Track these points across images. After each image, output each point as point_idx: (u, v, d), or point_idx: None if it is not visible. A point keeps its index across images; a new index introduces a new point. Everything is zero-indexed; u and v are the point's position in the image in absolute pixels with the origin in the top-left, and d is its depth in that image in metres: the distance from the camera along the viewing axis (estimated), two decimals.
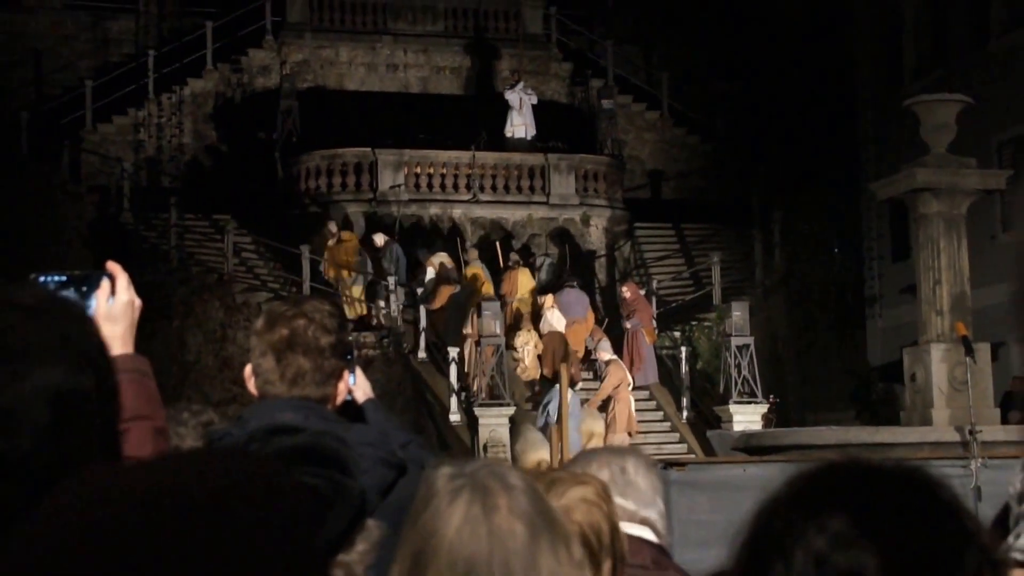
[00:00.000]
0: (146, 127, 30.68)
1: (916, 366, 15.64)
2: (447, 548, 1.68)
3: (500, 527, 1.69)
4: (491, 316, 22.04)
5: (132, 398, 2.19)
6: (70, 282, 2.37)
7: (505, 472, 1.77)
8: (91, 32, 32.29)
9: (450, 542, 1.68)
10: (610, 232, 29.13)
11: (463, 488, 1.72)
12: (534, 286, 25.27)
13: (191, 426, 4.29)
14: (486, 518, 1.70)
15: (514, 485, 1.74)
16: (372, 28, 32.61)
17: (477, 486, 1.72)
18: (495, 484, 1.73)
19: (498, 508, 1.70)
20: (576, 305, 24.01)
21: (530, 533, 1.70)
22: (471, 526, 1.69)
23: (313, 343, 3.15)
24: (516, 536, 1.69)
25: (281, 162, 28.95)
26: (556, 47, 33.53)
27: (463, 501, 1.71)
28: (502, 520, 1.70)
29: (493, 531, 1.69)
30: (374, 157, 28.04)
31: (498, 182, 28.54)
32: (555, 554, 1.71)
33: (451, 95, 32.50)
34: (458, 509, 1.70)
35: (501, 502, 1.71)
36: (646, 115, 33.23)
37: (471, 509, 1.70)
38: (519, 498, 1.72)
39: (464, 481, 1.73)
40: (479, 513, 1.70)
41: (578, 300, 24.22)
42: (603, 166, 29.56)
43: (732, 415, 22.01)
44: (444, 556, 1.68)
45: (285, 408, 3.10)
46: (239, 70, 31.71)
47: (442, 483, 1.74)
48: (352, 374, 3.42)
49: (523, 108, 29.67)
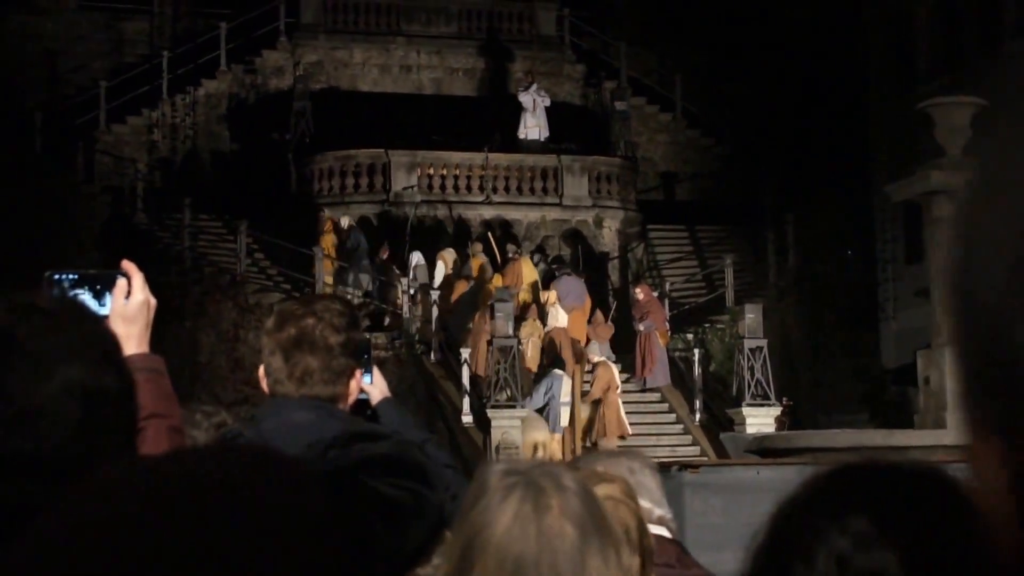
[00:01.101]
0: (160, 128, 30.74)
1: (930, 369, 15.59)
2: (496, 545, 1.68)
3: (550, 527, 1.69)
4: (503, 317, 22.04)
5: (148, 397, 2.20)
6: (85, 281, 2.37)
7: (559, 473, 1.77)
8: (105, 33, 32.35)
9: (499, 539, 1.69)
10: (623, 234, 29.10)
11: (516, 486, 1.72)
12: (536, 275, 25.40)
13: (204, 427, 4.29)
14: (537, 517, 1.70)
15: (567, 487, 1.74)
16: (386, 29, 32.63)
17: (530, 485, 1.72)
18: (548, 484, 1.73)
19: (550, 508, 1.71)
20: (573, 292, 24.15)
21: (580, 535, 1.70)
22: (521, 525, 1.69)
23: (322, 342, 3.14)
24: (566, 537, 1.69)
25: (294, 163, 28.98)
26: (569, 49, 33.51)
27: (515, 499, 1.71)
28: (553, 520, 1.70)
29: (543, 531, 1.69)
30: (387, 158, 28.06)
31: (511, 183, 28.54)
32: (604, 558, 1.70)
33: (464, 96, 32.50)
34: (509, 507, 1.70)
35: (553, 502, 1.71)
36: (659, 117, 33.20)
37: (522, 508, 1.70)
38: (571, 500, 1.72)
39: (517, 479, 1.73)
40: (530, 512, 1.70)
41: (575, 287, 24.38)
42: (616, 168, 29.54)
43: (745, 417, 21.97)
44: (493, 552, 1.68)
45: (297, 408, 3.10)
46: (253, 71, 31.75)
47: (495, 480, 1.74)
48: (368, 373, 3.41)
49: (536, 110, 29.67)
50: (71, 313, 1.63)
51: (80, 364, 1.56)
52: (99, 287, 2.36)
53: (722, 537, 9.13)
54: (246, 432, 3.17)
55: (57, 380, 1.53)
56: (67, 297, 1.78)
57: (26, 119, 28.36)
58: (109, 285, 2.36)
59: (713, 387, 23.96)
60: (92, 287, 2.36)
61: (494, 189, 28.26)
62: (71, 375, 1.54)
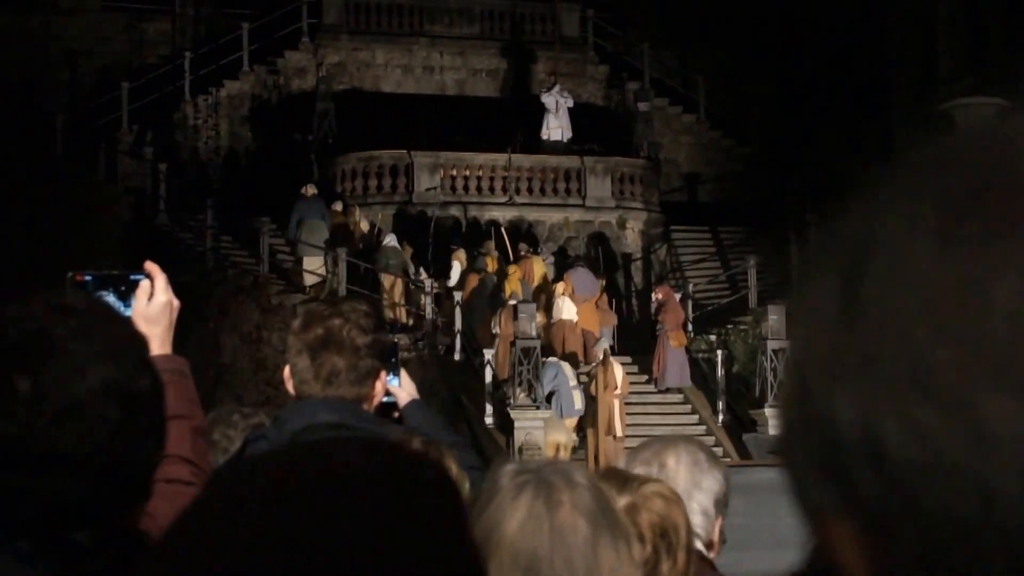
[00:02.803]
0: (182, 129, 30.78)
1: None
2: (510, 542, 1.71)
3: (563, 523, 1.71)
4: (527, 318, 22.03)
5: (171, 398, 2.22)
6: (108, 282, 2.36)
7: (570, 470, 1.79)
8: (127, 34, 32.43)
9: (513, 536, 1.71)
10: (646, 235, 29.05)
11: (527, 484, 1.74)
12: (547, 273, 25.53)
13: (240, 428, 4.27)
14: (549, 514, 1.72)
15: (578, 483, 1.76)
16: (408, 30, 32.63)
17: (541, 482, 1.74)
18: (559, 481, 1.75)
19: (561, 504, 1.73)
20: (585, 284, 24.36)
21: (592, 530, 1.72)
22: (534, 521, 1.71)
23: (348, 342, 3.14)
24: (578, 532, 1.71)
25: (317, 164, 29.00)
26: (592, 50, 33.46)
27: (527, 496, 1.73)
28: (565, 516, 1.72)
29: (555, 527, 1.71)
30: (410, 159, 28.06)
31: (534, 185, 28.53)
32: (616, 552, 1.72)
33: (487, 97, 32.48)
34: (522, 504, 1.73)
35: (564, 498, 1.73)
36: (682, 118, 33.13)
37: (535, 504, 1.72)
38: (583, 495, 1.74)
39: (529, 477, 1.75)
40: (542, 509, 1.72)
41: (587, 279, 24.59)
42: (639, 169, 29.48)
43: (768, 419, 21.90)
44: (507, 549, 1.70)
45: (322, 409, 3.09)
46: (275, 72, 31.78)
47: (507, 479, 1.76)
48: (396, 376, 3.38)
49: (559, 111, 29.63)
50: (104, 314, 1.67)
51: (117, 365, 1.60)
52: (122, 288, 2.34)
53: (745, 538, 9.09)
54: (269, 434, 3.15)
55: (96, 380, 1.57)
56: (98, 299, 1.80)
57: (48, 120, 28.45)
58: (132, 286, 2.35)
59: (736, 388, 23.91)
60: (115, 288, 2.34)
61: (517, 190, 28.24)
62: (110, 375, 1.58)
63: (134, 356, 1.63)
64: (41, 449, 1.54)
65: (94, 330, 1.61)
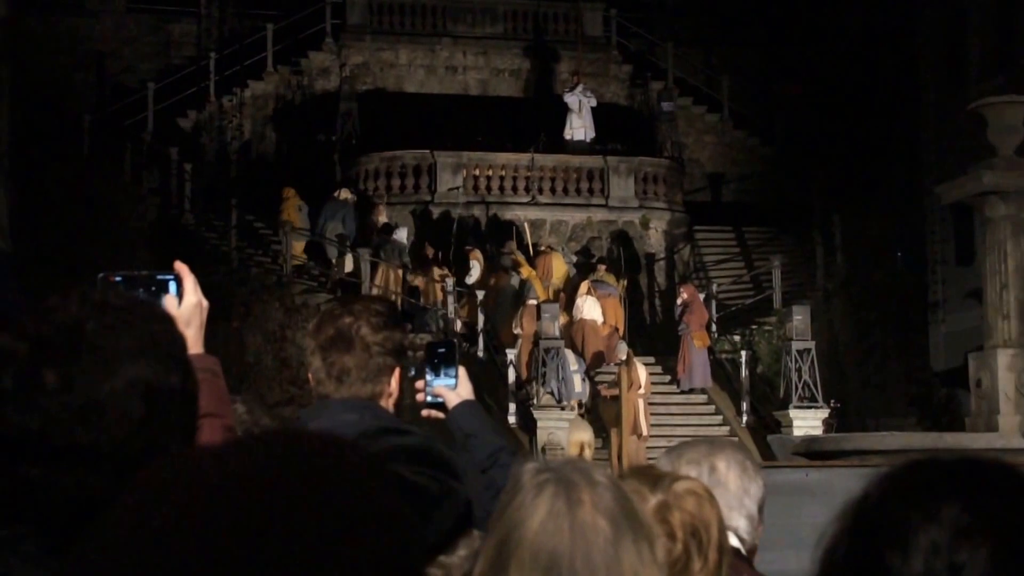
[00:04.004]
0: (207, 129, 30.89)
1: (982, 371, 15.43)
2: (530, 540, 1.71)
3: (584, 522, 1.71)
4: (550, 318, 22.02)
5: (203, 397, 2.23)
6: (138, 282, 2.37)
7: (591, 469, 1.79)
8: (153, 35, 32.56)
9: (534, 534, 1.71)
10: (670, 235, 28.99)
11: (548, 482, 1.75)
12: (567, 270, 25.57)
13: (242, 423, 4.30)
14: (570, 512, 1.72)
15: (599, 482, 1.76)
16: (431, 31, 32.65)
17: (562, 481, 1.75)
18: (580, 480, 1.75)
19: (582, 503, 1.73)
20: (603, 286, 24.65)
21: (613, 529, 1.71)
22: (555, 520, 1.71)
23: (358, 341, 3.16)
24: (599, 531, 1.71)
25: (340, 164, 29.04)
26: (616, 49, 33.41)
27: (548, 495, 1.73)
28: (586, 515, 1.72)
29: (576, 525, 1.71)
30: (433, 159, 28.07)
31: (557, 184, 28.50)
32: (638, 551, 1.72)
33: (510, 97, 32.47)
34: (543, 503, 1.73)
35: (585, 497, 1.73)
36: (706, 117, 33.04)
37: (555, 503, 1.72)
38: (603, 494, 1.74)
39: (549, 476, 1.76)
40: (563, 507, 1.72)
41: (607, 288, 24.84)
42: (663, 169, 29.43)
43: (792, 420, 21.84)
44: (527, 548, 1.70)
45: (342, 409, 3.12)
46: (299, 72, 31.85)
47: (528, 477, 1.77)
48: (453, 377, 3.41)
49: (582, 110, 29.60)
50: (142, 311, 1.67)
51: (146, 362, 1.60)
52: (152, 288, 2.35)
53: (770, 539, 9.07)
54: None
55: (122, 376, 1.58)
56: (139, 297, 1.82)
57: (75, 121, 28.59)
58: (161, 286, 2.36)
59: (760, 389, 23.84)
60: (147, 289, 2.35)
61: (540, 190, 28.23)
62: (137, 372, 1.58)
63: (166, 354, 1.63)
64: (62, 443, 1.55)
65: (128, 326, 1.61)
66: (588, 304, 23.52)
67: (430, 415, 3.52)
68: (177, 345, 1.68)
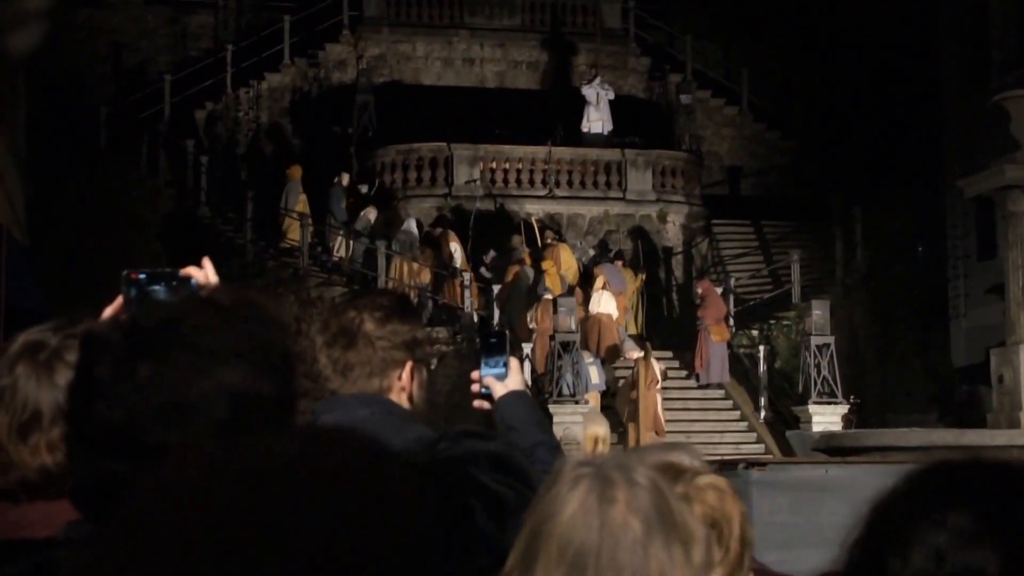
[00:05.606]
0: (224, 121, 30.86)
1: (1004, 367, 15.28)
2: (559, 532, 1.72)
3: (614, 519, 1.72)
4: (566, 312, 21.91)
5: None
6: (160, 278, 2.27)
7: (633, 467, 1.77)
8: (170, 27, 32.55)
9: (563, 527, 1.72)
10: (688, 229, 28.86)
11: (584, 477, 1.75)
12: (575, 262, 25.58)
13: None
14: (600, 509, 1.72)
15: (638, 482, 1.75)
16: (449, 23, 32.56)
17: (599, 477, 1.75)
18: (619, 477, 1.75)
19: (615, 501, 1.73)
20: (615, 278, 24.54)
21: (645, 529, 1.71)
22: (584, 515, 1.72)
23: (360, 335, 3.14)
24: (629, 530, 1.71)
25: (357, 157, 28.99)
26: (634, 42, 33.27)
27: (582, 490, 1.74)
28: (617, 513, 1.72)
29: (606, 522, 1.72)
30: (450, 152, 28.00)
31: (574, 178, 28.40)
32: (669, 553, 1.71)
33: (528, 90, 32.36)
34: (575, 497, 1.74)
35: (620, 495, 1.73)
36: (725, 110, 32.89)
37: (588, 498, 1.73)
38: (640, 495, 1.73)
39: (588, 471, 1.76)
40: (594, 503, 1.73)
41: (616, 274, 24.80)
42: (681, 162, 29.29)
43: (811, 415, 21.72)
44: (556, 540, 1.72)
45: (353, 405, 3.08)
46: (316, 65, 31.81)
47: (567, 470, 1.77)
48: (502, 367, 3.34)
49: (600, 103, 29.47)
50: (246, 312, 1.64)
51: (239, 366, 1.57)
52: (173, 284, 2.26)
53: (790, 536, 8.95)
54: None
55: (212, 379, 1.56)
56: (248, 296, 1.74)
57: (91, 113, 28.58)
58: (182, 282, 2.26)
59: (778, 384, 23.71)
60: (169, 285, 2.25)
61: (557, 183, 28.12)
62: (227, 376, 1.56)
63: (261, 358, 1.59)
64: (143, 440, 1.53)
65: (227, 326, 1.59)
66: (604, 298, 23.42)
67: (481, 406, 3.47)
68: (276, 350, 1.63)
